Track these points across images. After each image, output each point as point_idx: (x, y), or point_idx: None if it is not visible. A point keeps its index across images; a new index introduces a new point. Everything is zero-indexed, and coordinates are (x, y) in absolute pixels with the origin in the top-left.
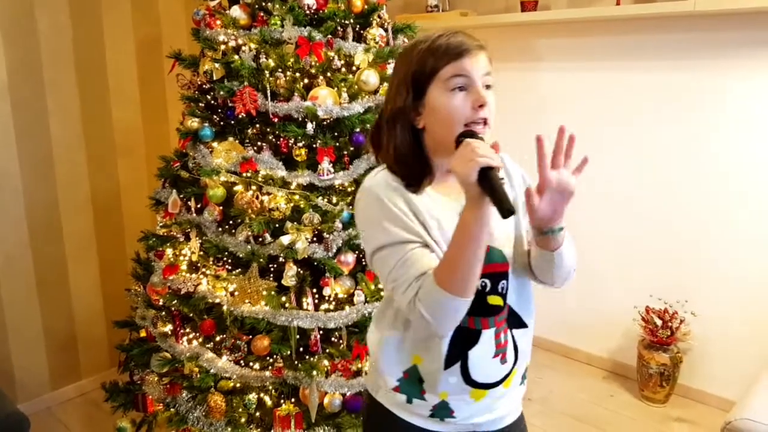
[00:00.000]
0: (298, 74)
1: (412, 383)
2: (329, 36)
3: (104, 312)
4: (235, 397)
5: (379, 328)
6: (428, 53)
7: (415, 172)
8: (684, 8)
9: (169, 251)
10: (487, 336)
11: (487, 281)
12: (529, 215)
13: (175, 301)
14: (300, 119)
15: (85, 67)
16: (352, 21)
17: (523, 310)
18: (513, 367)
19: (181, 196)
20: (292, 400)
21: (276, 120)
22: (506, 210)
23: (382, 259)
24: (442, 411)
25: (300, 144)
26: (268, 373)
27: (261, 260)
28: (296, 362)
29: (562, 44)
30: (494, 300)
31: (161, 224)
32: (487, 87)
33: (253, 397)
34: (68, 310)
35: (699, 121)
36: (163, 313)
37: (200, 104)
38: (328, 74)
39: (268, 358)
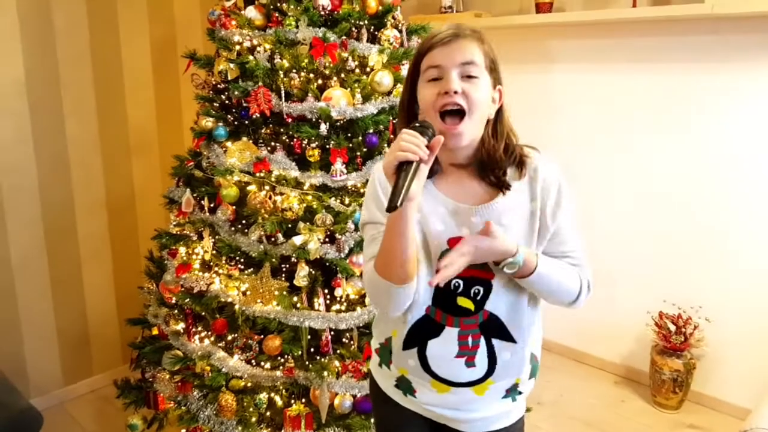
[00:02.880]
0: (312, 75)
1: (386, 351)
2: (344, 37)
3: (117, 310)
4: (245, 397)
5: None
6: (418, 48)
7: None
8: (701, 11)
9: (182, 250)
10: (450, 333)
11: (461, 282)
12: None
13: (188, 299)
14: (314, 120)
15: (101, 67)
16: (366, 22)
17: (514, 325)
18: (487, 377)
19: (195, 195)
20: (303, 400)
21: (290, 120)
22: (389, 205)
23: (364, 234)
24: (405, 386)
25: (313, 145)
26: (279, 373)
27: (273, 260)
28: (307, 363)
29: (576, 46)
30: (464, 302)
31: (174, 223)
32: (468, 77)
33: (263, 396)
34: (82, 307)
35: (716, 124)
36: (176, 311)
37: (215, 104)
38: (342, 75)
39: (279, 358)
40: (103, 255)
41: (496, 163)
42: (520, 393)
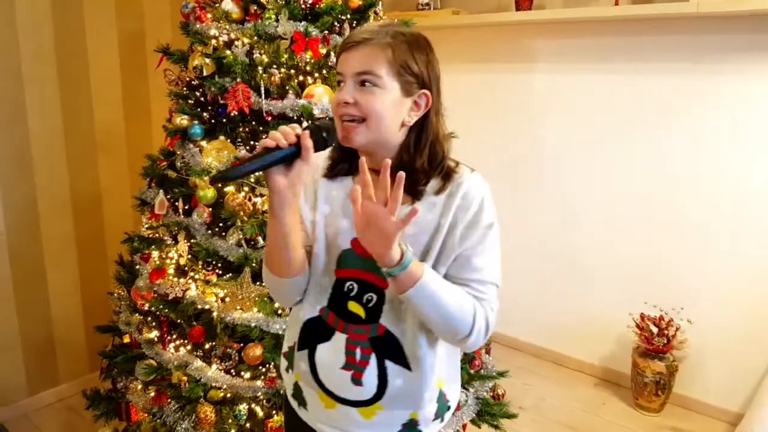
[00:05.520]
0: (293, 71)
1: (291, 354)
2: (326, 32)
3: (84, 315)
4: (225, 408)
5: None
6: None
7: (335, 159)
8: (687, 9)
9: (155, 254)
10: (339, 340)
11: (356, 286)
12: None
13: (162, 306)
14: (295, 118)
15: (66, 62)
16: (349, 16)
17: (410, 350)
18: (375, 400)
19: (169, 196)
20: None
21: (269, 118)
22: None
23: None
24: (298, 395)
25: None
26: (260, 383)
27: (254, 265)
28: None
29: (557, 45)
30: (354, 307)
31: (147, 225)
32: (368, 84)
33: (243, 408)
34: (46, 312)
35: (699, 125)
36: (149, 318)
37: (189, 101)
38: (324, 71)
39: (260, 367)
40: (68, 257)
41: (414, 170)
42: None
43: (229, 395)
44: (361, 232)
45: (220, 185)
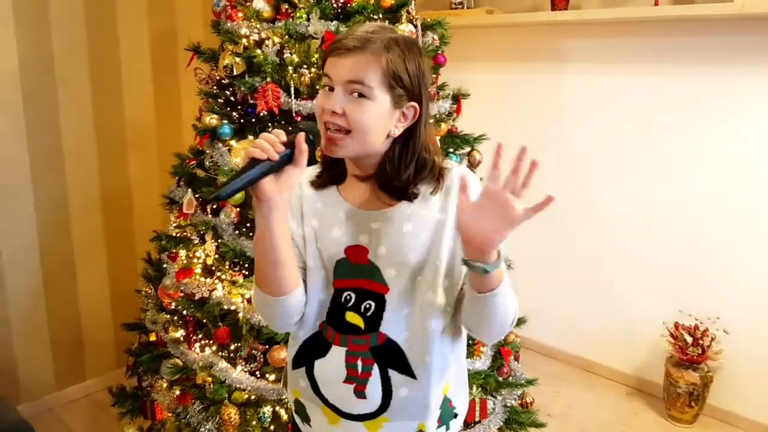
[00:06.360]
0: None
1: (287, 374)
2: None
3: (112, 312)
4: (249, 410)
5: None
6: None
7: (324, 169)
8: (731, 10)
9: (182, 253)
10: (337, 354)
11: (353, 295)
12: (458, 225)
13: (189, 306)
14: None
15: (98, 59)
16: (381, 16)
17: (415, 357)
18: (380, 412)
19: (197, 195)
20: None
21: (299, 119)
22: (212, 194)
23: None
24: (301, 411)
25: None
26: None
27: None
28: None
29: (593, 45)
30: (352, 317)
31: (175, 224)
32: (358, 94)
33: (268, 410)
34: (75, 308)
35: (739, 129)
36: (176, 317)
37: (219, 100)
38: None
39: (285, 369)
40: (97, 254)
41: (399, 180)
42: None
43: (253, 397)
44: (475, 221)
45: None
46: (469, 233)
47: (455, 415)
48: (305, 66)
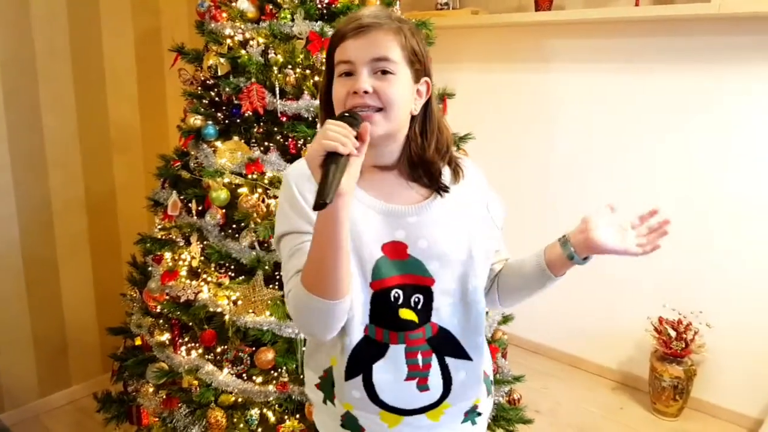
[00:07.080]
0: (308, 71)
1: (328, 384)
2: None
3: (97, 316)
4: (236, 413)
5: None
6: (331, 36)
7: None
8: (708, 10)
9: (167, 255)
10: (396, 352)
11: (400, 292)
12: (588, 232)
13: (174, 308)
14: (310, 119)
15: (82, 59)
16: None
17: (468, 340)
18: (442, 399)
19: (182, 197)
20: (297, 416)
21: (284, 119)
22: (316, 201)
23: (281, 247)
24: (352, 424)
25: (309, 145)
26: (271, 388)
27: (266, 267)
28: (302, 377)
29: (577, 45)
30: (406, 314)
31: (160, 227)
32: (383, 72)
33: (255, 413)
34: (59, 312)
35: (720, 127)
36: (161, 321)
37: (204, 101)
38: None
39: (272, 371)
40: (82, 257)
41: (428, 162)
42: (479, 414)
43: (240, 400)
44: (606, 239)
45: (234, 187)
46: (595, 243)
47: (492, 382)
48: (290, 66)
